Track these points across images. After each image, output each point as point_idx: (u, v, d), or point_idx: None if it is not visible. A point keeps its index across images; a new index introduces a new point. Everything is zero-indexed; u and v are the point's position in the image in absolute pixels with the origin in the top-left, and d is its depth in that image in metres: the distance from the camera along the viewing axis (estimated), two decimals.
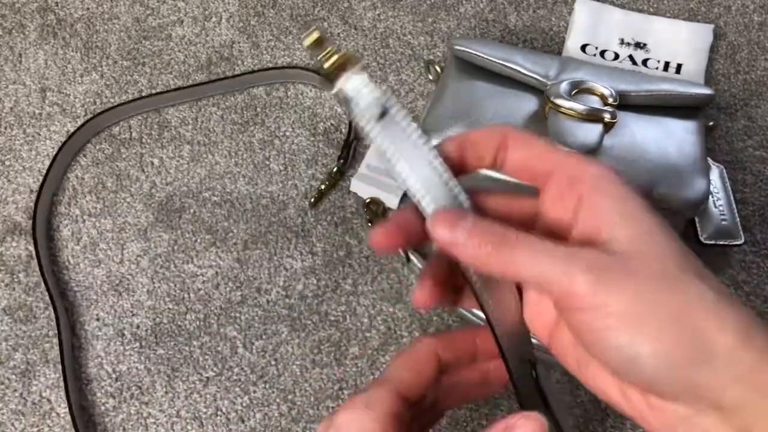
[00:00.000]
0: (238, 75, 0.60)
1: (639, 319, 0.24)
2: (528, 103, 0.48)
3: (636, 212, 0.27)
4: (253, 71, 0.60)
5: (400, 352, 0.33)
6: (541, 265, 0.25)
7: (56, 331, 0.50)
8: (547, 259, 0.25)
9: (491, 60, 0.50)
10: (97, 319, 0.51)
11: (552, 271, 0.25)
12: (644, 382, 0.25)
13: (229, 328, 0.50)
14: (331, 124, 0.59)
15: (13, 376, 0.49)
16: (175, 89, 0.60)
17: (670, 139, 0.47)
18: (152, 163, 0.57)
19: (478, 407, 0.47)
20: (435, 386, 0.32)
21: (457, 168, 0.30)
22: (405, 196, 0.55)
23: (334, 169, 0.55)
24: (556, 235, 0.29)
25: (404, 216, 0.30)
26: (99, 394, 0.48)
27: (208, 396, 0.48)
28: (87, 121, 0.58)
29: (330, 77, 0.28)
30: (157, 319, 0.51)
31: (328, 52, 0.29)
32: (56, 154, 0.56)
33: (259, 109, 0.60)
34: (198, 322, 0.51)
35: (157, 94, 0.60)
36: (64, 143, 0.57)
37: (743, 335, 0.24)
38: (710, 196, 0.53)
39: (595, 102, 0.47)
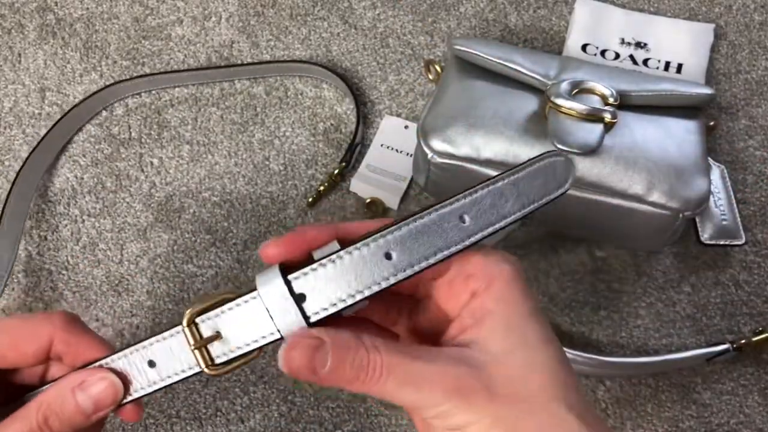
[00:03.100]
0: (252, 63, 0.60)
1: None
2: (528, 103, 0.48)
3: (521, 323, 0.26)
4: (270, 61, 0.61)
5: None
6: (408, 394, 0.25)
7: None
8: (412, 388, 0.25)
9: (491, 60, 0.49)
10: (97, 320, 0.51)
11: (418, 398, 0.25)
12: None
13: None
14: (331, 124, 0.58)
15: None
16: (185, 70, 0.61)
17: (671, 139, 0.47)
18: (152, 163, 0.57)
19: None
20: (40, 376, 0.31)
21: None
22: (405, 196, 0.54)
23: (335, 171, 0.55)
24: (435, 326, 0.29)
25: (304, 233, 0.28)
26: None
27: (207, 396, 0.48)
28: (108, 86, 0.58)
29: None
30: (157, 320, 0.51)
31: None
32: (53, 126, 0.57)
33: (258, 109, 0.59)
34: None
35: (163, 73, 0.60)
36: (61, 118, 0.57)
37: None
38: (711, 196, 0.53)
39: (595, 102, 0.47)
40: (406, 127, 0.58)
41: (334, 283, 0.26)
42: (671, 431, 0.47)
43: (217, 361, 0.28)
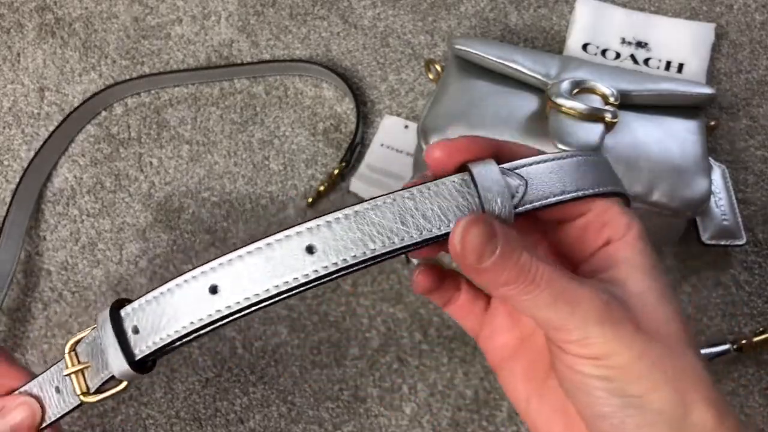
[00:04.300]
0: (251, 63, 0.60)
1: (638, 376, 0.24)
2: (529, 103, 0.48)
3: (654, 272, 0.26)
4: (270, 61, 0.61)
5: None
6: (559, 312, 0.25)
7: (53, 332, 0.50)
8: (566, 306, 0.25)
9: (492, 59, 0.49)
10: (96, 320, 0.51)
11: (568, 319, 0.25)
12: None
13: (228, 329, 0.50)
14: (331, 124, 0.58)
15: None
16: (184, 70, 0.60)
17: (672, 139, 0.47)
18: (151, 163, 0.57)
19: (478, 408, 0.47)
20: None
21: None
22: None
23: (335, 171, 0.54)
24: (566, 264, 0.29)
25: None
26: None
27: (207, 397, 0.48)
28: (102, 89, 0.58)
29: None
30: None
31: None
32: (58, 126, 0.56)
33: (258, 109, 0.59)
34: None
35: (163, 73, 0.60)
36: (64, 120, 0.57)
37: (720, 415, 0.25)
38: (712, 196, 0.53)
39: (596, 101, 0.47)
40: (406, 126, 0.58)
41: (165, 316, 0.26)
42: None
43: (92, 389, 0.28)
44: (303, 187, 0.55)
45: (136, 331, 0.26)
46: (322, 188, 0.54)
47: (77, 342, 0.29)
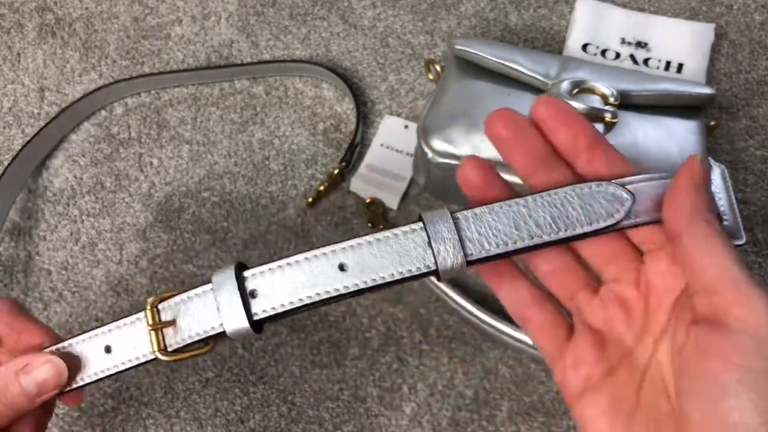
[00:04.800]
0: (252, 63, 0.60)
1: None
2: (529, 103, 0.48)
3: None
4: (270, 61, 0.61)
5: None
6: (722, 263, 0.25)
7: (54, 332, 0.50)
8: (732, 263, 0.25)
9: (492, 59, 0.49)
10: (96, 320, 0.51)
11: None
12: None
13: None
14: (331, 124, 0.58)
15: None
16: (184, 70, 0.60)
17: (672, 139, 0.47)
18: (151, 163, 0.57)
19: (478, 408, 0.47)
20: None
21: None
22: (405, 196, 0.54)
23: (335, 171, 0.54)
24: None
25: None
26: (98, 395, 0.48)
27: (207, 397, 0.48)
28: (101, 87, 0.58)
29: None
30: None
31: None
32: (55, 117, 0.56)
33: (258, 109, 0.59)
34: None
35: (163, 73, 0.60)
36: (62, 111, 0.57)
37: None
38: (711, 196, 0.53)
39: (596, 101, 0.47)
40: (406, 127, 0.58)
41: (286, 286, 0.27)
42: None
43: (170, 348, 0.29)
44: (303, 187, 0.55)
45: (253, 295, 0.28)
46: (322, 188, 0.54)
47: (159, 300, 0.29)
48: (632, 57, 0.60)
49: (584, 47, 0.61)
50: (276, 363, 0.49)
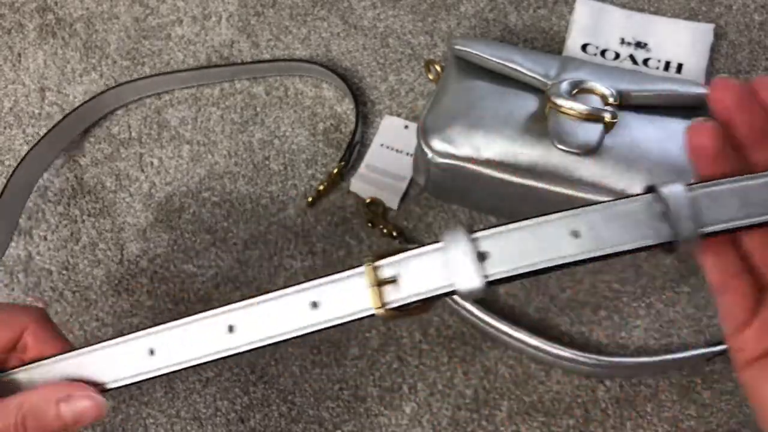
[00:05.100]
0: (252, 62, 0.60)
1: None
2: (528, 103, 0.48)
3: None
4: (270, 60, 0.61)
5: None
6: None
7: None
8: None
9: (491, 60, 0.49)
10: (97, 320, 0.51)
11: None
12: None
13: None
14: (331, 124, 0.58)
15: None
16: (184, 70, 0.60)
17: (671, 139, 0.47)
18: (152, 163, 0.57)
19: (478, 408, 0.47)
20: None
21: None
22: (405, 196, 0.54)
23: (334, 170, 0.55)
24: None
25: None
26: None
27: (207, 396, 0.48)
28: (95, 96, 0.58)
29: None
30: (157, 320, 0.51)
31: None
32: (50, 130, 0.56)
33: (258, 109, 0.59)
34: None
35: (163, 74, 0.60)
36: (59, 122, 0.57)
37: None
38: None
39: (595, 102, 0.47)
40: (406, 127, 0.58)
41: (518, 250, 0.27)
42: (671, 431, 0.47)
43: (388, 306, 0.28)
44: (303, 187, 0.56)
45: (484, 257, 0.27)
46: (321, 187, 0.54)
47: (378, 257, 0.29)
48: (632, 57, 0.60)
49: (584, 47, 0.61)
50: (276, 362, 0.49)
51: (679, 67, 0.60)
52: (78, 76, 0.62)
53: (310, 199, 0.54)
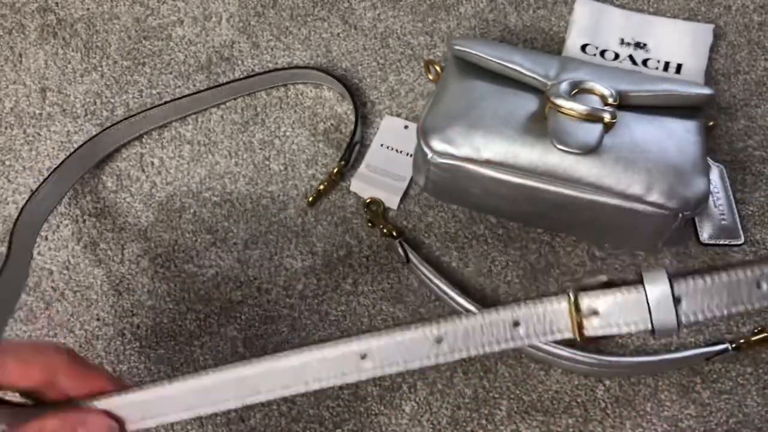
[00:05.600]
0: (252, 75, 0.60)
1: None
2: (528, 103, 0.48)
3: None
4: (270, 71, 0.60)
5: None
6: None
7: (55, 331, 0.50)
8: None
9: (491, 60, 0.50)
10: (98, 319, 0.51)
11: None
12: None
13: (229, 328, 0.51)
14: (331, 124, 0.59)
15: None
16: (184, 96, 0.59)
17: (671, 139, 0.47)
18: (152, 163, 0.57)
19: (478, 407, 0.48)
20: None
21: None
22: (405, 196, 0.55)
23: (334, 170, 0.55)
24: None
25: None
26: None
27: None
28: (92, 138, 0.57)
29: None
30: (158, 319, 0.51)
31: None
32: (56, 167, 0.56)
33: (259, 109, 0.60)
34: (198, 322, 0.51)
35: (166, 102, 0.59)
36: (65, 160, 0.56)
37: None
38: (710, 196, 0.53)
39: (595, 102, 0.47)
40: (406, 127, 0.58)
41: (708, 295, 0.30)
42: (670, 431, 0.47)
43: (587, 333, 0.31)
44: (303, 187, 0.56)
45: (678, 300, 0.30)
46: (321, 188, 0.54)
47: (580, 289, 0.31)
48: (631, 57, 0.60)
49: (583, 48, 0.61)
50: None
51: (679, 67, 0.60)
52: (79, 77, 0.62)
53: (310, 199, 0.54)
